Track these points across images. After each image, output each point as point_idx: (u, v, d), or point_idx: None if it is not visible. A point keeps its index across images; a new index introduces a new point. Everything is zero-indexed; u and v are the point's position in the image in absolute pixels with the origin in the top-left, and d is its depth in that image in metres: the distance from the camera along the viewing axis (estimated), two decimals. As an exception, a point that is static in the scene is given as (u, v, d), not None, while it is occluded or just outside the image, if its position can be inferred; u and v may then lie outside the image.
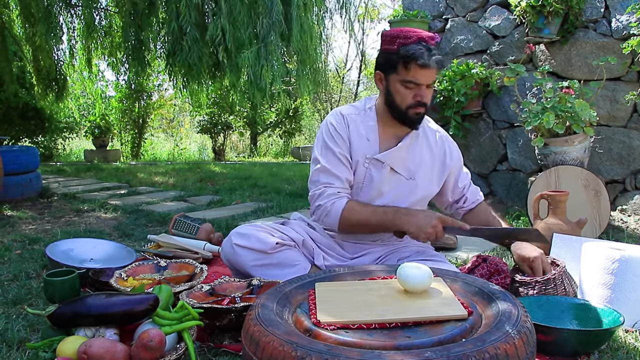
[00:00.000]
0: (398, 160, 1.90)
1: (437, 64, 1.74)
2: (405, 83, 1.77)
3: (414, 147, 1.93)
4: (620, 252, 1.73)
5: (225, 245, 1.91)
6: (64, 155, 10.10)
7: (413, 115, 1.82)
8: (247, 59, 3.73)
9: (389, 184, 1.91)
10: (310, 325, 1.19)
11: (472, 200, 2.04)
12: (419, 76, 1.75)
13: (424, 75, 1.75)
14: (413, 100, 1.79)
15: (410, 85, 1.77)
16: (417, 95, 1.78)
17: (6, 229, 3.30)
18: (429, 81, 1.77)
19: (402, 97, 1.80)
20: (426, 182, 1.95)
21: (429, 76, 1.76)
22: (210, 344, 1.56)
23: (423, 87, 1.77)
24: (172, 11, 4.08)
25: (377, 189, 1.90)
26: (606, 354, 1.50)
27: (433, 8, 4.26)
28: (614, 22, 3.37)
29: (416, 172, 1.93)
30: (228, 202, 4.39)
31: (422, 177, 1.94)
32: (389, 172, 1.90)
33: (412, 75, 1.75)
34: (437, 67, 1.75)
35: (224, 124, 10.57)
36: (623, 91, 3.34)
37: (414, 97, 1.78)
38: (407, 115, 1.82)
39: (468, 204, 2.04)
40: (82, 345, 1.30)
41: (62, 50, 5.90)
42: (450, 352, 1.01)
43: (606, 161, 3.47)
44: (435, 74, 1.78)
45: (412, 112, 1.81)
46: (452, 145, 2.04)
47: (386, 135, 1.92)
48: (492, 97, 3.93)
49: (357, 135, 1.89)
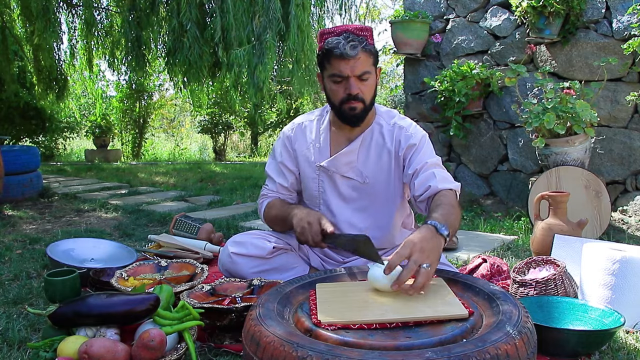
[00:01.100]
0: (346, 164, 1.83)
1: (355, 52, 1.63)
2: (332, 77, 1.70)
3: (367, 149, 1.84)
4: (621, 253, 1.73)
5: (223, 255, 1.88)
6: (65, 155, 10.11)
7: (347, 110, 1.72)
8: (239, 57, 3.73)
9: (346, 190, 1.86)
10: (311, 325, 1.19)
11: (423, 190, 1.69)
12: (341, 67, 1.66)
13: (345, 65, 1.65)
14: (344, 94, 1.70)
15: (337, 79, 1.70)
16: (347, 89, 1.69)
17: (7, 229, 3.30)
18: (354, 72, 1.66)
19: (334, 93, 1.73)
20: (383, 184, 1.85)
21: (352, 66, 1.65)
22: (211, 344, 1.56)
23: (351, 80, 1.67)
24: (173, 9, 4.08)
25: (339, 196, 1.87)
26: (607, 354, 1.50)
27: (434, 8, 4.26)
28: (615, 22, 3.36)
29: (369, 175, 1.84)
30: (229, 202, 4.39)
31: (378, 179, 1.84)
32: (341, 178, 1.86)
33: (335, 68, 1.67)
34: (358, 56, 1.64)
35: (224, 124, 10.57)
36: (624, 92, 3.34)
37: (344, 91, 1.70)
38: (341, 111, 1.74)
39: (418, 192, 1.70)
40: (83, 345, 1.30)
41: (62, 50, 5.92)
42: (451, 352, 1.01)
43: (607, 162, 3.47)
44: (362, 63, 1.66)
45: (345, 107, 1.72)
46: (409, 132, 1.81)
47: (338, 139, 1.86)
48: (493, 98, 3.93)
49: (307, 143, 1.89)
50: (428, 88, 4.08)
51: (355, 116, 1.75)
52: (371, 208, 1.88)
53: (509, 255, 2.63)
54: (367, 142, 1.84)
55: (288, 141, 1.93)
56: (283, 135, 1.96)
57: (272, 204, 1.93)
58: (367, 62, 1.68)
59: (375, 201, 1.87)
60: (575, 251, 2.12)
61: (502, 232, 3.18)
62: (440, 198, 1.61)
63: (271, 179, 1.96)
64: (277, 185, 1.94)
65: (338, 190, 1.87)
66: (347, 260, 1.93)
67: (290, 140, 1.92)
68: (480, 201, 4.01)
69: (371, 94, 1.75)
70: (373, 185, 1.85)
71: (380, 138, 1.84)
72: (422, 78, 4.21)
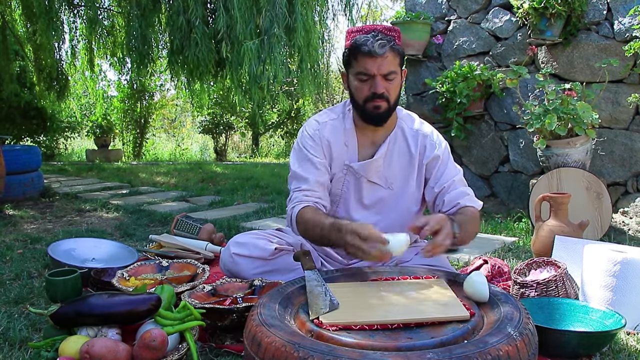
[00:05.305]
0: (374, 170, 1.83)
1: (383, 50, 1.63)
2: (359, 75, 1.69)
3: (391, 154, 1.84)
4: (622, 254, 1.73)
5: (224, 255, 1.87)
6: (66, 155, 10.12)
7: (371, 109, 1.71)
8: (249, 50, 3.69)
9: (369, 194, 1.86)
10: (312, 326, 1.19)
11: (452, 205, 1.77)
12: (368, 65, 1.65)
13: (372, 63, 1.65)
14: (369, 93, 1.69)
15: (363, 77, 1.69)
16: (372, 87, 1.68)
17: (8, 228, 3.30)
18: (381, 70, 1.66)
19: (359, 91, 1.72)
20: (404, 189, 1.85)
21: (379, 65, 1.65)
22: (212, 344, 1.56)
23: (377, 78, 1.67)
24: (179, 6, 4.07)
25: (357, 200, 1.86)
26: (607, 356, 1.50)
27: (435, 9, 4.26)
28: (617, 24, 3.36)
29: (394, 181, 1.84)
30: (230, 202, 4.39)
31: (400, 184, 1.85)
32: (367, 183, 1.85)
33: (362, 65, 1.67)
34: (386, 55, 1.64)
35: (225, 124, 10.57)
36: (625, 93, 3.34)
37: (369, 89, 1.69)
38: (365, 110, 1.73)
39: (446, 208, 1.78)
40: (84, 345, 1.30)
41: (64, 50, 5.92)
42: (452, 353, 1.01)
43: (608, 163, 3.47)
44: (389, 62, 1.66)
45: (369, 105, 1.71)
46: (434, 140, 1.84)
47: (364, 140, 1.85)
48: (494, 99, 3.93)
49: (334, 142, 1.82)
50: (429, 89, 4.09)
51: (379, 115, 1.74)
52: (388, 212, 1.86)
53: (510, 256, 2.63)
54: (391, 147, 1.84)
55: (317, 138, 1.82)
56: (309, 131, 1.84)
57: (305, 212, 1.69)
58: (394, 61, 1.68)
59: (395, 207, 1.86)
60: (576, 252, 2.12)
61: (503, 234, 3.18)
62: (464, 210, 1.73)
63: (303, 179, 1.77)
64: (312, 183, 1.76)
65: (360, 194, 1.86)
66: (350, 263, 1.92)
67: (317, 137, 1.82)
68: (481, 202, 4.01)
69: (396, 94, 1.74)
70: (395, 191, 1.85)
71: (404, 143, 1.85)
72: (424, 79, 4.21)
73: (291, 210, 1.74)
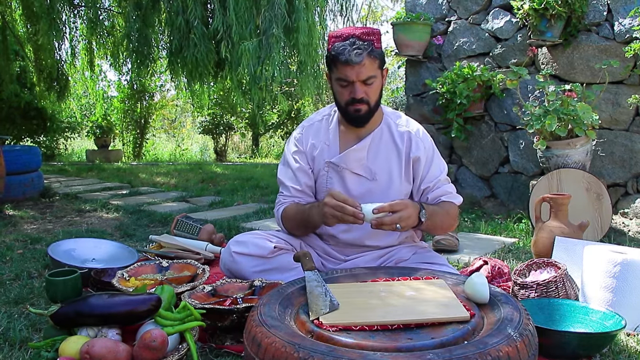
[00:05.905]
0: (356, 161, 1.87)
1: (359, 59, 1.68)
2: (339, 81, 1.76)
3: (377, 147, 1.88)
4: (622, 255, 1.73)
5: (225, 254, 1.91)
6: (66, 155, 10.11)
7: (352, 112, 1.78)
8: (247, 50, 3.70)
9: (354, 187, 1.88)
10: (312, 326, 1.19)
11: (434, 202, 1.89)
12: (347, 73, 1.71)
13: (350, 71, 1.71)
14: (349, 97, 1.76)
15: (343, 83, 1.76)
16: (352, 92, 1.75)
17: (8, 229, 3.30)
18: (359, 77, 1.72)
19: (340, 94, 1.79)
20: (391, 182, 1.88)
21: (357, 72, 1.71)
22: (212, 345, 1.56)
23: (356, 84, 1.73)
24: (178, 6, 4.07)
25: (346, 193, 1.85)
26: (607, 357, 1.50)
27: (436, 10, 4.27)
28: (617, 25, 3.37)
29: (378, 172, 1.88)
30: (230, 203, 4.40)
31: (385, 177, 1.88)
32: (350, 175, 1.89)
33: (341, 72, 1.73)
34: (363, 62, 1.69)
35: (225, 124, 10.57)
36: (625, 94, 3.34)
37: (349, 94, 1.76)
38: (347, 112, 1.80)
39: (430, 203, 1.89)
40: (84, 345, 1.30)
41: (64, 50, 5.91)
42: (452, 354, 1.01)
43: (608, 164, 3.47)
44: (367, 69, 1.71)
45: (350, 109, 1.78)
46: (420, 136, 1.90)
47: (347, 137, 1.90)
48: (494, 100, 3.93)
49: (316, 142, 1.92)
50: (429, 90, 4.09)
51: (360, 117, 1.81)
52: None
53: (510, 257, 2.63)
54: (376, 141, 1.89)
55: (299, 143, 1.94)
56: (293, 139, 1.97)
57: (288, 209, 1.91)
58: (372, 67, 1.73)
59: (383, 199, 1.86)
60: (576, 253, 2.12)
61: (503, 234, 3.18)
62: (443, 204, 1.87)
63: (284, 185, 1.94)
64: (291, 190, 1.92)
65: (346, 187, 1.89)
66: (348, 259, 1.93)
67: (300, 141, 1.94)
68: (481, 203, 4.01)
69: (376, 96, 1.80)
70: (381, 183, 1.88)
71: (390, 138, 1.90)
72: (424, 80, 4.21)
73: (277, 213, 1.95)
